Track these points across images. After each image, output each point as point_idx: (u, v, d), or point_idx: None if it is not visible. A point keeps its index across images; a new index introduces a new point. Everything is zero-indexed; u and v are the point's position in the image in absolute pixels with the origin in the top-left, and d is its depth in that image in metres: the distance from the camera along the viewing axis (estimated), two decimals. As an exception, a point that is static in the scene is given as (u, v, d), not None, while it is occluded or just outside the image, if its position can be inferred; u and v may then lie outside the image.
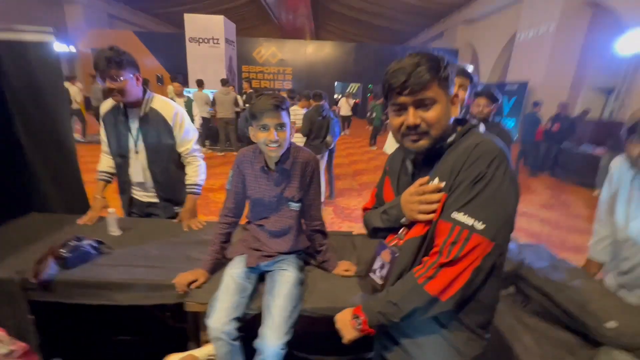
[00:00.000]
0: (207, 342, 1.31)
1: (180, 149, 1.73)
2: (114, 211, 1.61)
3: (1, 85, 1.62)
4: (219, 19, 9.43)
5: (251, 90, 7.86)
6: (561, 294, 1.14)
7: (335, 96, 15.91)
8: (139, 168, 1.68)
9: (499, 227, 0.69)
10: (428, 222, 0.78)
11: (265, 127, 1.15)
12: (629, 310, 1.07)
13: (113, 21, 15.91)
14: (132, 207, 1.82)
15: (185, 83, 8.26)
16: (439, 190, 0.76)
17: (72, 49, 14.03)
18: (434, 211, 0.76)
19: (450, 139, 0.80)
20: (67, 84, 7.26)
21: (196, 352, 1.24)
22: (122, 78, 1.47)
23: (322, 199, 2.10)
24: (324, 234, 1.40)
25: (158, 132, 1.65)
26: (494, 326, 1.02)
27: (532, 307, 1.23)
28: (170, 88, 6.01)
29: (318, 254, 1.40)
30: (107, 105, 1.66)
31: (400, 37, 19.20)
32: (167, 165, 1.72)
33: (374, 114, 9.06)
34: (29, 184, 1.80)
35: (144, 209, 1.82)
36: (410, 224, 0.83)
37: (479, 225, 0.68)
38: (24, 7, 11.77)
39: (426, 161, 0.83)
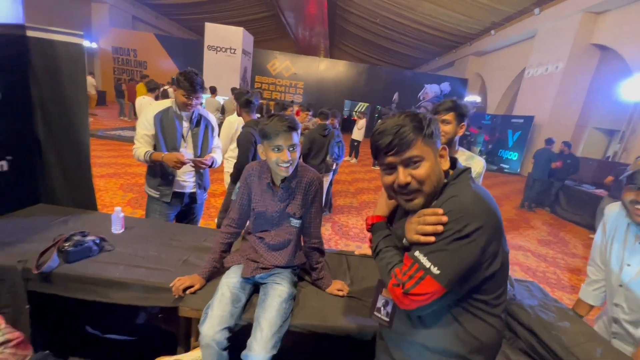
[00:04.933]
0: (195, 347, 1.33)
1: (212, 145, 2.16)
2: (120, 209, 1.66)
3: (28, 79, 1.70)
4: (239, 30, 9.72)
5: (262, 101, 8.03)
6: (548, 333, 1.16)
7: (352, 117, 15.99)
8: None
9: (451, 277, 0.72)
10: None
11: (279, 148, 1.20)
12: (612, 356, 1.08)
13: (136, 23, 16.45)
14: (173, 196, 2.04)
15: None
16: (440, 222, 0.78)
17: (94, 45, 14.47)
18: (430, 234, 0.77)
19: (444, 182, 0.83)
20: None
21: (184, 356, 1.25)
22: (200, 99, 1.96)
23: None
24: (321, 252, 1.44)
25: (204, 130, 2.07)
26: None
27: (518, 345, 1.24)
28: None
29: (313, 270, 1.43)
30: (158, 107, 1.94)
31: (412, 62, 19.63)
32: None
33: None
34: (40, 176, 1.85)
35: (183, 198, 2.11)
36: (409, 247, 0.86)
37: (435, 270, 0.72)
38: (53, 2, 12.21)
39: None
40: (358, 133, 8.81)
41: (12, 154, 1.68)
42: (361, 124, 8.85)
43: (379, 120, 0.82)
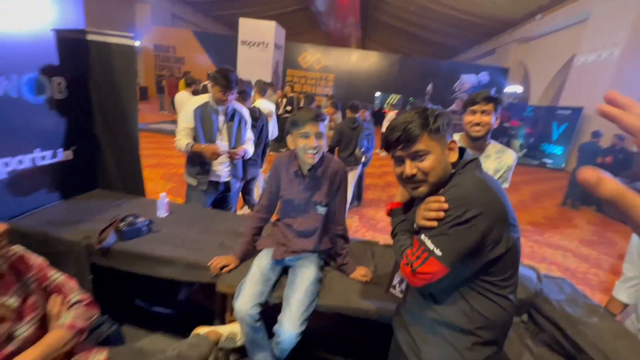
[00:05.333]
0: (231, 321, 1.47)
1: (245, 137, 2.28)
2: (165, 195, 1.84)
3: (87, 79, 1.92)
4: (271, 25, 9.88)
5: (292, 94, 8.15)
6: (573, 328, 1.15)
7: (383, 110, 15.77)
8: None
9: (453, 258, 0.79)
10: None
11: (306, 135, 1.29)
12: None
13: (175, 20, 17.22)
14: (209, 184, 2.20)
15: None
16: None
17: (137, 43, 15.39)
18: (433, 220, 0.84)
19: (451, 172, 0.89)
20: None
21: (220, 328, 1.39)
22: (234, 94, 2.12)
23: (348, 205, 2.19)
24: (345, 239, 1.51)
25: (238, 124, 2.20)
26: (503, 351, 1.06)
27: (542, 337, 1.24)
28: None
29: (338, 256, 1.51)
30: (197, 102, 2.08)
31: (448, 51, 18.78)
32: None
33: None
34: (97, 165, 2.09)
35: (219, 186, 2.27)
36: (418, 231, 0.92)
37: (438, 252, 0.79)
38: (100, 4, 13.12)
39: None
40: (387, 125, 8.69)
41: (75, 145, 1.91)
42: (390, 116, 8.73)
43: (394, 116, 0.88)
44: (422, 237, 0.83)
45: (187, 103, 2.14)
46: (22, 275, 0.96)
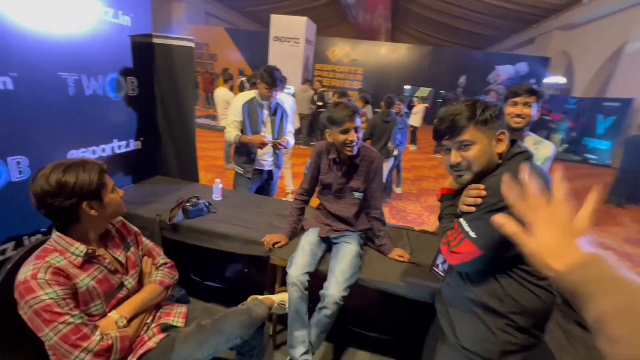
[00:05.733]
0: (279, 292, 1.66)
1: (287, 130, 2.45)
2: (220, 181, 2.07)
3: (152, 78, 2.18)
4: (302, 20, 10.00)
5: (322, 89, 8.28)
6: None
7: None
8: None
9: (485, 242, 0.86)
10: None
11: (346, 131, 1.43)
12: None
13: (208, 18, 17.84)
14: (254, 172, 2.41)
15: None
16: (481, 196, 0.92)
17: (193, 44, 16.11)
18: (471, 205, 0.92)
19: (498, 163, 0.94)
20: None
21: (272, 296, 1.59)
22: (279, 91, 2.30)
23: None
24: (382, 222, 1.65)
25: (280, 117, 2.38)
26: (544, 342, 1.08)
27: (573, 316, 1.31)
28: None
29: (377, 238, 1.65)
30: (245, 97, 2.28)
31: (483, 42, 17.95)
32: None
33: (442, 121, 8.69)
34: (158, 154, 2.36)
35: (262, 174, 2.47)
36: (460, 215, 1.02)
37: (472, 234, 0.88)
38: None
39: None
40: (414, 118, 8.58)
41: (142, 137, 2.18)
42: (416, 109, 8.65)
43: (443, 108, 0.98)
44: (461, 220, 0.92)
45: (235, 98, 2.35)
46: (125, 238, 1.19)
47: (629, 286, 0.38)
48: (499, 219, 0.49)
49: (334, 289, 1.35)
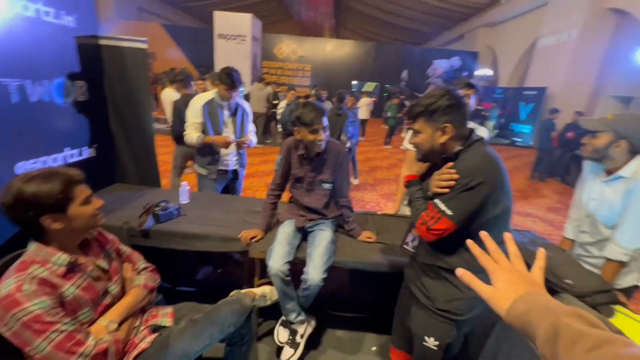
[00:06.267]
0: (259, 285, 1.73)
1: (248, 129, 2.49)
2: (187, 184, 2.05)
3: (102, 81, 2.06)
4: (247, 17, 9.83)
5: (277, 89, 8.32)
6: (533, 260, 1.50)
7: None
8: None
9: (461, 217, 1.01)
10: None
11: (315, 131, 1.55)
12: (582, 273, 1.43)
13: (141, 13, 16.54)
14: (219, 172, 2.41)
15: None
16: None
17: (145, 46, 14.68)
18: (445, 187, 1.06)
19: (459, 149, 1.10)
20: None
21: (254, 290, 1.65)
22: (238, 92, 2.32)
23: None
24: (350, 209, 1.80)
25: (242, 117, 2.40)
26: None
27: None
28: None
29: (346, 224, 1.79)
30: (204, 99, 2.27)
31: (420, 37, 19.23)
32: None
33: (389, 114, 9.25)
34: (114, 161, 2.25)
35: (227, 174, 2.48)
36: (432, 197, 1.15)
37: (449, 212, 1.03)
38: None
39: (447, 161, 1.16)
40: (360, 112, 9.14)
41: (96, 143, 2.06)
42: (360, 102, 9.16)
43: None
44: (436, 201, 1.06)
45: (193, 100, 2.31)
46: (104, 246, 1.17)
47: (556, 310, 0.42)
48: (459, 271, 0.58)
49: (314, 274, 1.46)
